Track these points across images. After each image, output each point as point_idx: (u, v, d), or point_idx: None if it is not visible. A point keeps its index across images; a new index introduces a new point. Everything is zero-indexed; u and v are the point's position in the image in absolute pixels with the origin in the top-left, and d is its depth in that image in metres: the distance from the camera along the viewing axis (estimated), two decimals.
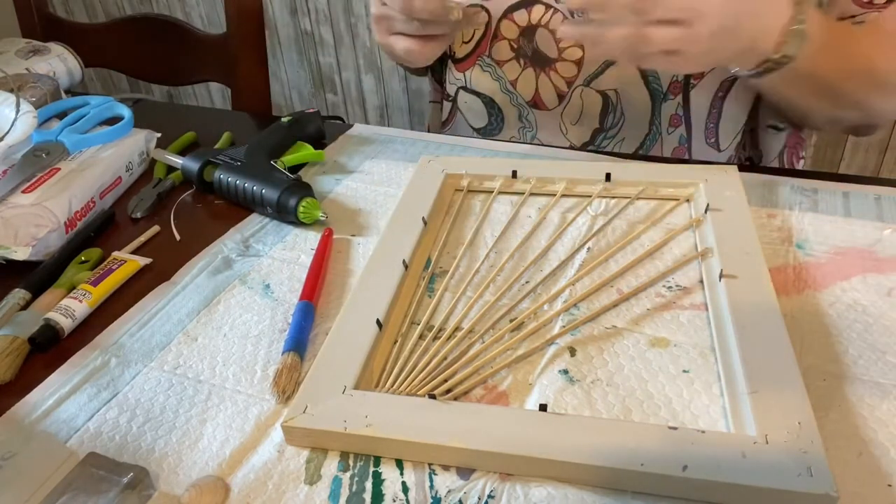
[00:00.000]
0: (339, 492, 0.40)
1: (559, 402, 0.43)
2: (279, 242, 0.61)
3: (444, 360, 0.47)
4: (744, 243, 0.52)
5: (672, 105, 0.73)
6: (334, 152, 0.74)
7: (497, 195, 0.63)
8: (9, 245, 0.57)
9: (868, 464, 0.39)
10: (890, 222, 0.57)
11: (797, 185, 0.62)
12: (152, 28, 1.17)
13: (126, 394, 0.47)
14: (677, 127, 0.74)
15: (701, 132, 0.75)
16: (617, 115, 0.75)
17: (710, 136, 0.75)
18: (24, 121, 0.66)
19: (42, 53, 0.91)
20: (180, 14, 2.02)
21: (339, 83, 1.94)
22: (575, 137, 0.78)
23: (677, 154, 0.76)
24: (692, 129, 0.74)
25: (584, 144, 0.77)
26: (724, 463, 0.37)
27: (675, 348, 0.47)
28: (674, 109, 0.73)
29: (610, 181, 0.62)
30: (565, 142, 0.78)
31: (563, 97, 0.75)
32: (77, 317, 0.52)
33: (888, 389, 0.43)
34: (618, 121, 0.75)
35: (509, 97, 0.78)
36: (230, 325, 0.52)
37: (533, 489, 0.39)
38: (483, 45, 0.77)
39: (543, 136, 0.79)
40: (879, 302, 0.49)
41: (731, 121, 0.75)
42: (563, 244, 0.57)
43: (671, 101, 0.73)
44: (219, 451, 0.42)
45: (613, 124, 0.75)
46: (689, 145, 0.75)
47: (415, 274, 0.55)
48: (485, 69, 0.78)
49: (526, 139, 0.80)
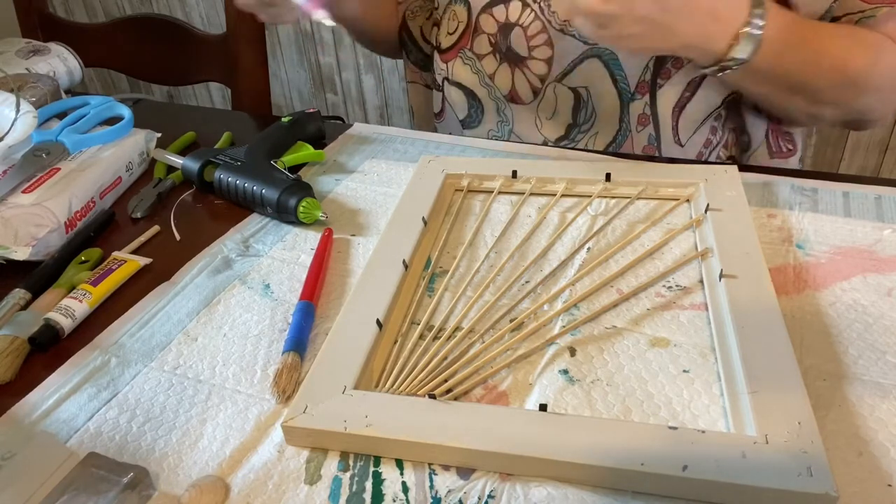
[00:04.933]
0: (339, 492, 0.40)
1: (559, 402, 0.43)
2: (279, 242, 0.61)
3: (444, 360, 0.47)
4: (744, 243, 0.52)
5: (640, 104, 0.73)
6: (334, 152, 0.74)
7: (497, 195, 0.63)
8: (9, 245, 0.57)
9: (868, 464, 0.39)
10: (890, 222, 0.57)
11: (797, 185, 0.62)
12: (152, 28, 1.18)
13: (126, 394, 0.47)
14: (646, 126, 0.75)
15: (669, 131, 0.75)
16: (588, 111, 0.75)
17: (676, 134, 0.75)
18: (24, 121, 0.66)
19: (42, 53, 0.91)
20: (180, 14, 2.03)
21: (339, 83, 1.94)
22: (549, 132, 0.78)
23: (647, 152, 0.76)
24: (660, 129, 0.75)
25: (558, 139, 0.78)
26: (724, 463, 0.37)
27: (675, 348, 0.47)
28: (641, 109, 0.74)
29: (610, 181, 0.62)
30: (540, 136, 0.79)
31: (537, 92, 0.76)
32: (77, 317, 0.52)
33: (888, 389, 0.43)
34: (590, 116, 0.76)
35: (488, 90, 0.79)
36: (230, 325, 0.52)
37: (533, 489, 0.39)
38: (465, 38, 0.78)
39: (519, 129, 0.80)
40: (879, 302, 0.49)
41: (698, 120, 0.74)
42: (563, 244, 0.57)
43: (639, 100, 0.73)
44: (219, 451, 0.42)
45: (586, 119, 0.76)
46: (658, 144, 0.76)
47: (415, 274, 0.55)
48: (465, 62, 0.79)
49: (503, 133, 0.81)
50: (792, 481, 0.36)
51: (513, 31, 0.74)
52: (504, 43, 0.75)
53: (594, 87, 0.74)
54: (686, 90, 0.72)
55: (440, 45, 0.81)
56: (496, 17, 0.74)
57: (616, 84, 0.73)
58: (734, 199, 0.57)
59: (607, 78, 0.73)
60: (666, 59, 0.71)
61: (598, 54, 0.72)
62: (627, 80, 0.72)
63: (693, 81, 0.72)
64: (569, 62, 0.73)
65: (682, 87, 0.72)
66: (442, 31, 0.81)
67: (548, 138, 0.79)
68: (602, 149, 0.77)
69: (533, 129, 0.79)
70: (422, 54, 0.89)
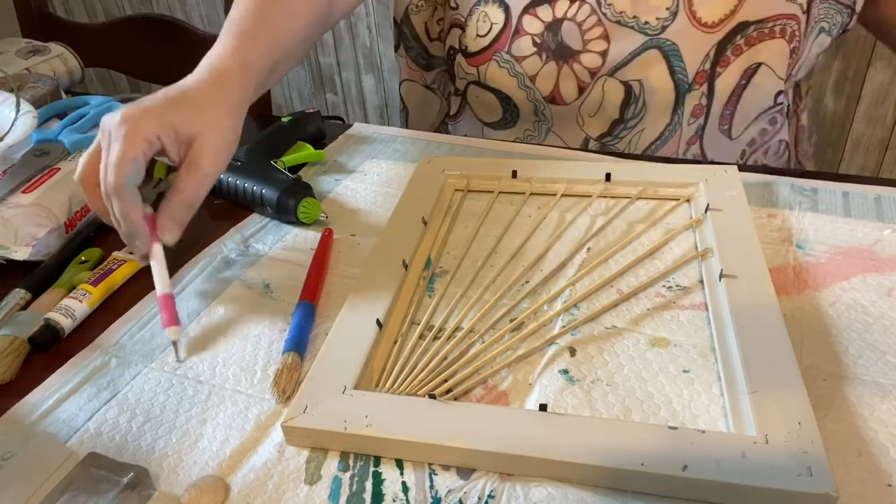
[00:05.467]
0: (339, 492, 0.40)
1: (559, 402, 0.43)
2: (279, 242, 0.61)
3: (444, 360, 0.47)
4: (744, 243, 0.52)
5: (696, 95, 0.73)
6: (334, 152, 0.74)
7: (497, 195, 0.63)
8: (9, 245, 0.57)
9: (868, 464, 0.39)
10: (890, 222, 0.57)
11: (797, 185, 0.62)
12: (152, 28, 1.17)
13: (126, 394, 0.47)
14: (698, 118, 0.74)
15: (716, 119, 0.75)
16: (639, 106, 0.74)
17: (723, 123, 0.76)
18: (24, 121, 0.66)
19: (42, 53, 0.91)
20: (180, 14, 2.03)
21: (339, 83, 1.94)
22: (592, 129, 0.77)
23: (691, 143, 0.76)
24: (709, 117, 0.75)
25: (600, 136, 0.77)
26: (724, 463, 0.37)
27: (675, 348, 0.47)
28: (698, 99, 0.73)
29: (610, 181, 0.62)
30: (581, 134, 0.78)
31: (584, 89, 0.75)
32: (77, 317, 0.52)
33: (888, 389, 0.43)
34: (639, 111, 0.75)
35: (527, 92, 0.77)
36: (230, 325, 0.52)
37: (533, 489, 0.39)
38: (501, 41, 0.76)
39: (559, 128, 0.79)
40: (879, 302, 0.49)
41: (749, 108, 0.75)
42: (563, 244, 0.57)
43: (696, 90, 0.73)
44: (219, 451, 0.42)
45: (634, 115, 0.75)
46: (702, 133, 0.75)
47: (415, 274, 0.55)
48: (502, 65, 0.77)
49: (541, 132, 0.80)
50: (792, 481, 0.36)
51: (562, 26, 0.72)
52: (553, 40, 0.73)
53: (648, 79, 0.73)
54: (742, 78, 0.72)
55: (466, 48, 0.79)
56: (541, 17, 0.73)
57: (674, 75, 0.72)
58: (734, 199, 0.57)
59: (665, 69, 0.72)
60: (726, 47, 0.71)
61: (658, 45, 0.71)
62: (686, 71, 0.72)
63: (749, 69, 0.72)
64: (626, 54, 0.72)
65: (739, 75, 0.72)
66: (469, 34, 0.77)
67: (590, 135, 0.78)
68: (646, 146, 0.76)
69: (574, 126, 0.78)
70: (424, 52, 0.88)
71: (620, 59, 0.72)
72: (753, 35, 0.70)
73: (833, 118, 1.52)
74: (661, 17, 0.70)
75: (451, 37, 0.81)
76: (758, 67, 0.72)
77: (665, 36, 0.70)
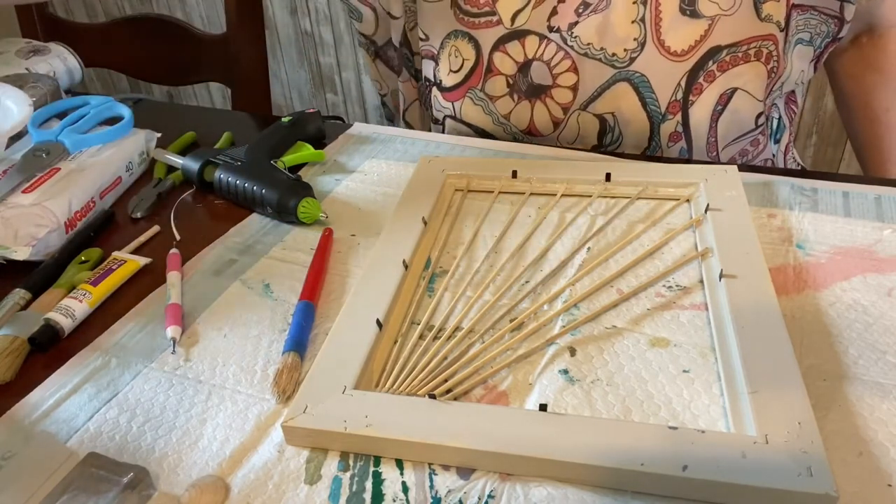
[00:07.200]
0: (339, 492, 0.40)
1: (559, 402, 0.43)
2: (279, 242, 0.61)
3: (444, 360, 0.47)
4: (744, 243, 0.52)
5: (671, 124, 0.72)
6: (334, 152, 0.74)
7: (497, 195, 0.63)
8: (9, 245, 0.57)
9: (868, 464, 0.39)
10: (890, 222, 0.57)
11: (797, 185, 0.62)
12: (152, 28, 1.18)
13: (126, 394, 0.47)
14: (677, 142, 0.73)
15: (702, 148, 0.74)
16: (615, 134, 0.74)
17: (711, 151, 0.74)
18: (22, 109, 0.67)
19: (42, 53, 0.91)
20: (180, 14, 2.03)
21: (339, 83, 1.94)
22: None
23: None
24: (692, 145, 0.74)
25: None
26: (724, 463, 0.37)
27: (675, 348, 0.47)
28: (673, 128, 0.72)
29: (610, 181, 0.62)
30: None
31: (558, 124, 0.74)
32: (77, 317, 0.52)
33: (888, 389, 0.43)
34: (616, 139, 0.75)
35: (503, 128, 0.77)
36: (230, 325, 0.52)
37: (533, 489, 0.39)
38: (474, 78, 0.74)
39: None
40: (879, 302, 0.49)
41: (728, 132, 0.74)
42: (563, 244, 0.57)
43: (670, 120, 0.72)
44: (219, 450, 0.42)
45: (612, 142, 0.75)
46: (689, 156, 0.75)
47: (415, 274, 0.55)
48: (476, 103, 0.76)
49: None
50: (792, 481, 0.36)
51: (531, 66, 0.71)
52: (524, 81, 0.72)
53: (621, 112, 0.72)
54: (718, 103, 0.71)
55: (440, 82, 0.77)
56: (513, 56, 0.72)
57: (645, 106, 0.71)
58: (734, 199, 0.57)
59: (636, 101, 0.71)
60: (698, 74, 0.69)
61: (628, 78, 0.70)
62: (658, 102, 0.71)
63: (724, 94, 0.70)
64: (595, 88, 0.71)
65: (715, 101, 0.70)
66: (442, 67, 0.76)
67: None
68: None
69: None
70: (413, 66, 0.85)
71: (591, 93, 0.71)
72: (727, 60, 0.68)
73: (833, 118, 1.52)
74: (629, 49, 0.69)
75: (426, 68, 0.80)
76: (734, 92, 0.70)
77: (633, 68, 0.69)
